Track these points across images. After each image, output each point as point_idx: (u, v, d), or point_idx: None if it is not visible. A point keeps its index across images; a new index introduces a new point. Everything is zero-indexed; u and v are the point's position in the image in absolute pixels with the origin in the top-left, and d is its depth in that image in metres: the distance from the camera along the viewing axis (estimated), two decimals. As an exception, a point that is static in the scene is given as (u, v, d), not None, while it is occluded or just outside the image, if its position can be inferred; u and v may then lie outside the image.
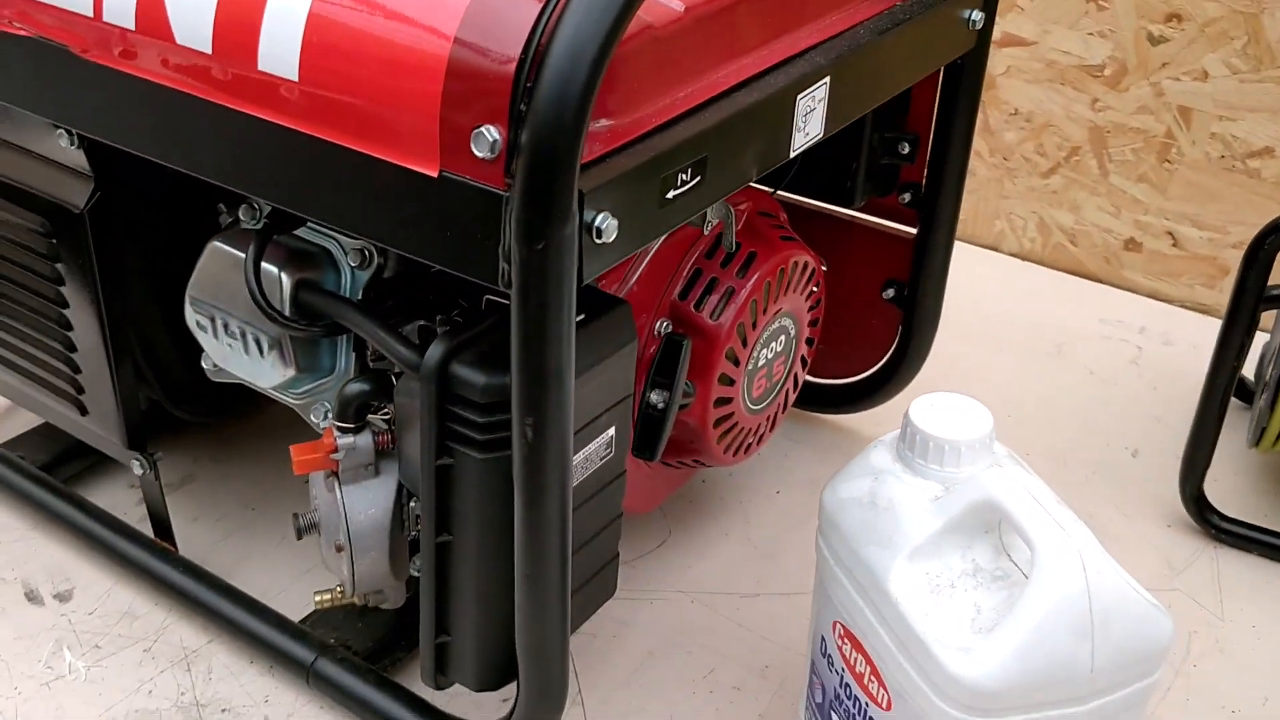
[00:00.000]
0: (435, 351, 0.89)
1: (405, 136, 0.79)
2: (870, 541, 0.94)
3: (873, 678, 0.94)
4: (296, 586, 1.29)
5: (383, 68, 0.79)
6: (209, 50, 0.86)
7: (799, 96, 0.98)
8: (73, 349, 1.15)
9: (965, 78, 1.28)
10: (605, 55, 0.72)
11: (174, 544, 1.27)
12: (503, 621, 0.98)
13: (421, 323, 1.02)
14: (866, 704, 0.96)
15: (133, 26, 0.90)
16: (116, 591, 1.28)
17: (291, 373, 1.04)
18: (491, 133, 0.75)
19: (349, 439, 0.99)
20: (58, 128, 1.04)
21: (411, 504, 1.03)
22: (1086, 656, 0.84)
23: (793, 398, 1.33)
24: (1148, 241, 1.89)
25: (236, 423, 1.52)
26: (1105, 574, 0.85)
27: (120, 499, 1.40)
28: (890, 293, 1.45)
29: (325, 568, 1.09)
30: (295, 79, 0.83)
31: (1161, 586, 1.34)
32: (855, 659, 0.96)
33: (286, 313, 1.00)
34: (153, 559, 1.24)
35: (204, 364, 1.13)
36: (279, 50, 0.83)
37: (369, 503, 1.01)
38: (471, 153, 0.76)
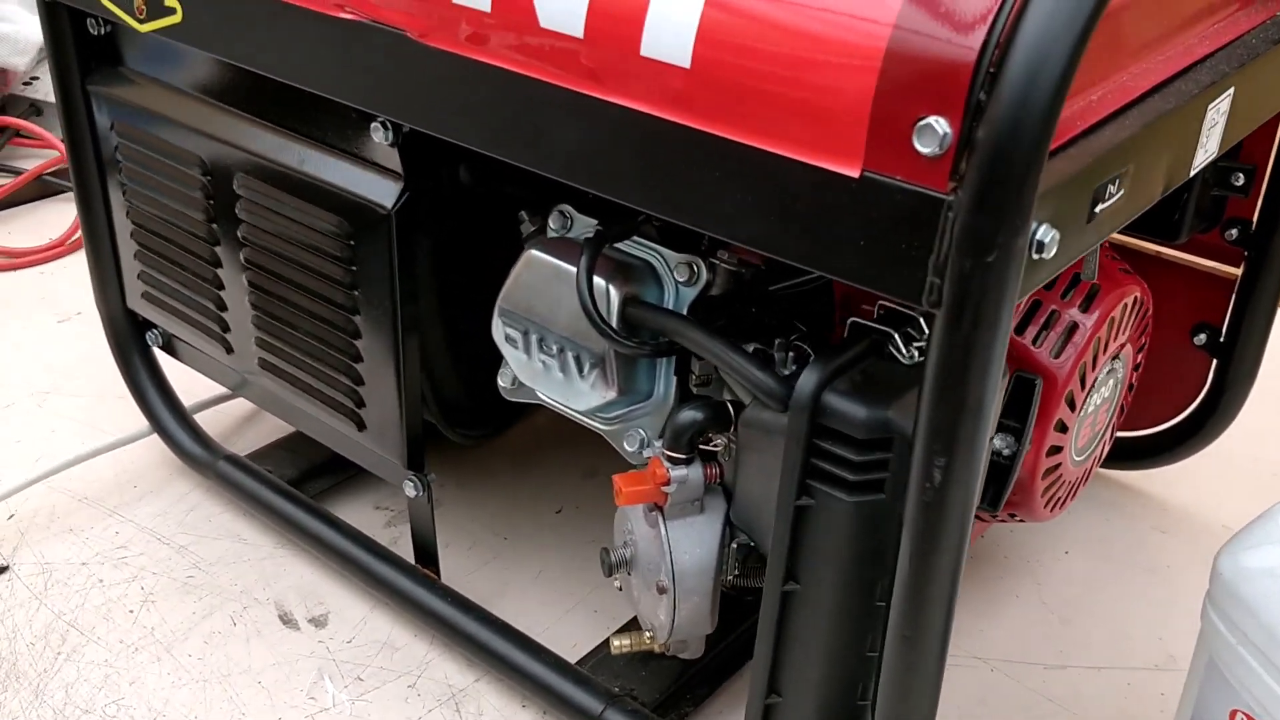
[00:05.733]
0: (808, 380, 0.79)
1: (822, 131, 0.70)
2: (1291, 619, 0.81)
3: (1288, 779, 0.81)
4: (561, 625, 1.20)
5: (801, 54, 0.70)
6: (580, 35, 0.78)
7: (1208, 106, 0.86)
8: (358, 359, 1.09)
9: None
10: (1086, 37, 0.62)
11: (437, 571, 1.19)
12: (844, 685, 0.87)
13: (755, 345, 0.93)
14: (1277, 809, 0.82)
15: (488, 9, 0.82)
16: (373, 619, 1.21)
17: (613, 394, 0.95)
18: (941, 125, 0.65)
19: (681, 471, 0.90)
20: (372, 122, 0.97)
21: (734, 545, 0.94)
22: None
23: (1107, 449, 1.20)
24: None
25: (478, 447, 1.45)
26: None
27: (365, 519, 1.33)
28: (1202, 338, 1.31)
29: (633, 608, 0.99)
30: (686, 66, 0.74)
31: None
32: (1262, 754, 0.83)
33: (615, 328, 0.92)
34: (416, 587, 1.16)
35: (500, 380, 1.05)
36: (669, 35, 0.74)
37: (695, 541, 0.92)
38: (909, 149, 0.66)
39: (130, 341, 1.36)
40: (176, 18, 1.06)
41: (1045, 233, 0.69)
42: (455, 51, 0.85)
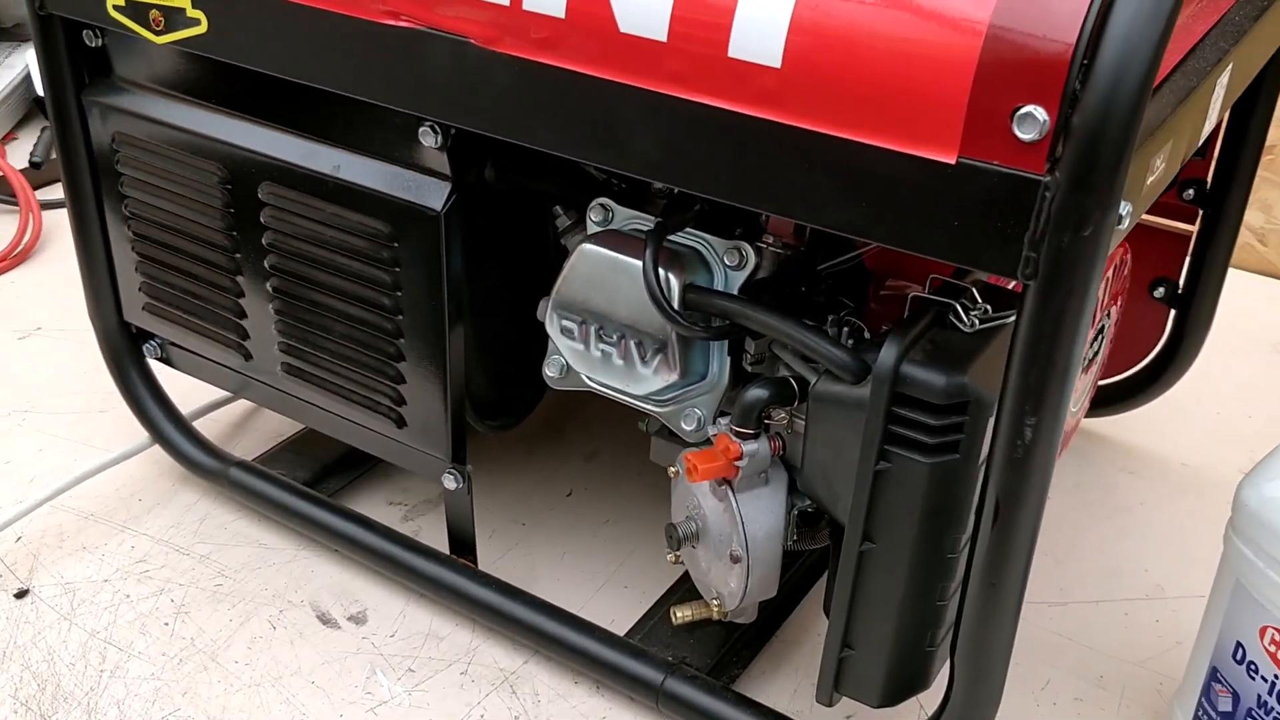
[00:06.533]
0: (889, 354, 0.85)
1: (918, 122, 0.75)
2: (1317, 542, 0.90)
3: (1323, 684, 0.91)
4: (595, 603, 1.24)
5: (897, 52, 0.75)
6: (663, 39, 0.82)
7: (1216, 81, 0.94)
8: (399, 358, 1.10)
9: (1272, 69, 1.25)
10: (1170, 27, 0.69)
11: (475, 560, 1.22)
12: (914, 634, 0.94)
13: (807, 322, 0.98)
14: (1312, 712, 0.92)
15: (562, 15, 0.85)
16: (411, 611, 1.23)
17: (675, 378, 0.99)
18: (1040, 113, 0.71)
19: (752, 445, 0.95)
20: (420, 126, 0.99)
21: (795, 513, 0.99)
22: None
23: (1091, 399, 1.29)
24: (1348, 239, 1.86)
25: (482, 437, 1.48)
26: None
27: (381, 515, 1.34)
28: (1160, 291, 1.41)
29: (700, 580, 1.04)
30: (777, 65, 0.78)
31: None
32: (1295, 665, 0.93)
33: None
34: (458, 577, 1.19)
35: (548, 370, 1.08)
36: (758, 36, 0.78)
37: (764, 511, 0.97)
38: (1008, 136, 0.72)
39: (126, 355, 1.35)
40: (200, 29, 1.06)
41: (1124, 207, 0.75)
42: (525, 56, 0.88)
